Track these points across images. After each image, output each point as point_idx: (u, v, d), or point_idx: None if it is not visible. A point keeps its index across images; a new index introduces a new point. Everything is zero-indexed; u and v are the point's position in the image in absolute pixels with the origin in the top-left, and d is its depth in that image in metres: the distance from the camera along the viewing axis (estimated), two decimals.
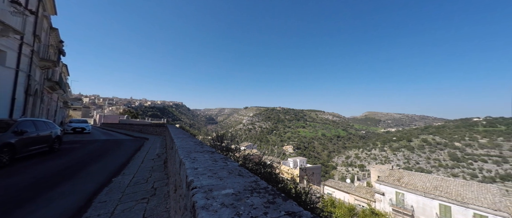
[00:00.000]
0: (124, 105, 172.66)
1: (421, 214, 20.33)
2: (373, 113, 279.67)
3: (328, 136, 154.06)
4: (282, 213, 1.01)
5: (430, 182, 22.08)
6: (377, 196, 24.52)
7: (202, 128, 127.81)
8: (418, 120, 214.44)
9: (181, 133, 7.20)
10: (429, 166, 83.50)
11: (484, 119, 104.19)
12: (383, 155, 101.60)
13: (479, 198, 17.74)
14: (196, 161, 2.18)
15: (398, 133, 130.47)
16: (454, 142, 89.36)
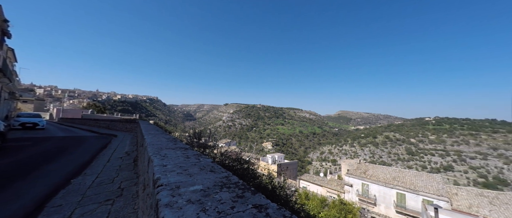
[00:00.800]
0: (88, 98, 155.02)
1: (382, 202, 22.81)
2: (345, 112, 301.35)
3: (305, 133, 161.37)
4: (249, 206, 1.03)
5: (390, 173, 24.83)
6: (346, 187, 26.69)
7: (179, 125, 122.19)
8: (383, 119, 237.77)
9: (154, 130, 6.79)
10: (390, 159, 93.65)
11: (434, 119, 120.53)
12: (353, 150, 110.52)
13: (427, 186, 20.59)
14: (167, 158, 2.08)
15: (365, 130, 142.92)
16: (410, 139, 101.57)
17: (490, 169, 72.59)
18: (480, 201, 18.13)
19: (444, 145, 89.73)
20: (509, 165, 71.42)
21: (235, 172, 4.14)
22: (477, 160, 77.66)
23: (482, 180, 67.71)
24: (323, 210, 8.69)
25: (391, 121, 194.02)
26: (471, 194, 19.21)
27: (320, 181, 31.11)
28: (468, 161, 78.44)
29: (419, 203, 19.90)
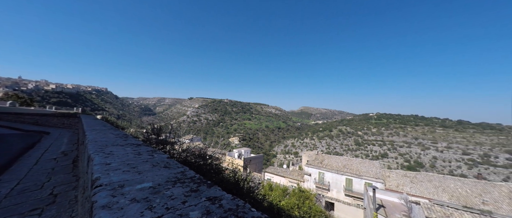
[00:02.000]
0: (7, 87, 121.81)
1: (334, 187, 26.01)
2: (307, 108, 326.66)
3: (271, 128, 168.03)
4: (202, 199, 1.01)
5: (341, 162, 28.43)
6: (306, 177, 29.30)
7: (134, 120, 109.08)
8: (337, 114, 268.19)
9: (101, 125, 5.89)
10: (342, 150, 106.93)
11: (375, 115, 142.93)
12: (312, 143, 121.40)
13: (368, 171, 24.49)
14: (112, 155, 1.83)
15: (323, 125, 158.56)
16: (358, 131, 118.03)
17: (412, 154, 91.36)
18: (404, 180, 22.73)
19: (382, 137, 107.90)
20: (424, 151, 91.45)
21: (197, 168, 3.99)
22: (404, 148, 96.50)
23: (406, 163, 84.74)
24: (284, 199, 9.31)
25: (344, 117, 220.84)
26: (398, 175, 23.83)
27: (283, 172, 33.15)
28: (398, 149, 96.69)
29: (362, 186, 23.55)
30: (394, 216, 14.45)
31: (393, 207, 16.40)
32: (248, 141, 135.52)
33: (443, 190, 19.68)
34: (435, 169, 78.24)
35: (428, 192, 19.76)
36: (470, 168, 75.24)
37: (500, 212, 15.16)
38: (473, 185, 19.67)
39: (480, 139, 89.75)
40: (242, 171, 33.85)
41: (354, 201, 23.60)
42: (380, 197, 18.14)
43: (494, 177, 67.47)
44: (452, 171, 75.55)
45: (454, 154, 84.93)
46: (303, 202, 8.95)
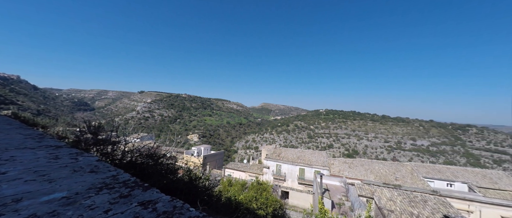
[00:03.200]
0: None
1: (290, 177, 28.37)
2: (267, 104, 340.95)
3: (232, 124, 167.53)
4: (133, 204, 0.90)
5: (296, 154, 31.18)
6: (264, 169, 30.77)
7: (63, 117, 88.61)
8: (294, 110, 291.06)
9: (4, 124, 4.52)
10: (297, 143, 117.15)
11: (324, 111, 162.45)
12: (271, 137, 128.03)
13: (317, 161, 27.79)
14: (12, 161, 1.42)
15: (281, 120, 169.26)
16: (310, 126, 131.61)
17: (350, 144, 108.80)
18: (344, 166, 26.96)
19: (329, 130, 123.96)
20: (359, 141, 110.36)
21: (143, 169, 3.59)
22: (345, 139, 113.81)
23: (346, 152, 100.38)
24: (243, 193, 9.52)
25: (299, 112, 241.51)
26: (340, 162, 28.04)
27: (243, 167, 33.78)
28: (341, 140, 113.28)
29: (312, 174, 26.56)
30: (335, 197, 16.97)
31: (335, 190, 19.22)
32: (209, 138, 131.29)
33: (371, 172, 24.34)
34: (366, 155, 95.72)
35: (361, 174, 24.05)
36: (389, 153, 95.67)
37: (406, 185, 19.97)
38: (390, 166, 25.12)
39: (395, 130, 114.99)
40: (201, 169, 32.61)
41: (306, 188, 26.41)
42: (326, 182, 20.93)
43: (403, 159, 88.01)
44: (377, 156, 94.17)
45: (379, 142, 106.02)
46: (260, 194, 9.39)
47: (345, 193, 17.87)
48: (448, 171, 23.73)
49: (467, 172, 23.37)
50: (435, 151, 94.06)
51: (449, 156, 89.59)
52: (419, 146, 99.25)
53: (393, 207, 12.92)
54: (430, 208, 12.39)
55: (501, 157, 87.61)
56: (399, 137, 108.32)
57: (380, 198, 13.69)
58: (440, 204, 12.96)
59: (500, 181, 21.02)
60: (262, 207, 8.96)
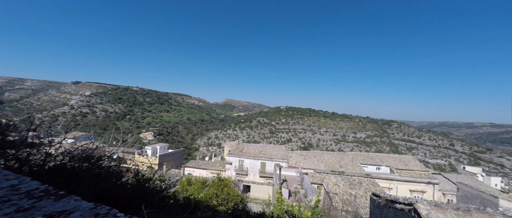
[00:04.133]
0: None
1: (251, 172, 29.25)
2: (231, 100, 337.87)
3: (193, 120, 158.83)
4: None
5: (258, 149, 32.30)
6: (227, 166, 30.70)
7: None
8: (257, 107, 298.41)
9: None
10: (259, 138, 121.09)
11: (285, 107, 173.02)
12: (235, 133, 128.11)
13: (277, 154, 29.60)
14: None
15: (245, 116, 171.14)
16: (272, 122, 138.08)
17: (306, 138, 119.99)
18: (300, 158, 29.68)
19: (288, 125, 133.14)
20: (313, 135, 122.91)
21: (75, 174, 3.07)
22: (302, 133, 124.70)
23: (303, 145, 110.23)
24: (203, 191, 9.30)
25: (262, 109, 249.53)
26: (297, 155, 30.69)
27: (205, 165, 32.76)
28: (298, 134, 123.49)
29: (273, 167, 28.15)
30: (292, 186, 18.56)
31: (292, 180, 20.99)
32: (166, 136, 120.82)
33: (322, 162, 27.59)
34: (319, 147, 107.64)
35: (314, 164, 26.97)
36: (336, 144, 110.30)
37: (347, 171, 23.57)
38: (336, 155, 29.09)
39: (342, 125, 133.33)
40: (157, 169, 29.83)
41: (267, 180, 27.80)
42: (284, 173, 22.57)
43: (347, 149, 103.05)
44: (327, 147, 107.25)
45: (328, 136, 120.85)
46: (221, 190, 9.37)
47: (301, 182, 19.74)
48: (377, 158, 29.28)
49: (389, 158, 29.40)
50: (369, 142, 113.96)
51: (379, 145, 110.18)
52: (358, 138, 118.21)
53: (337, 190, 15.10)
54: (364, 188, 15.07)
55: (411, 145, 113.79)
56: (344, 131, 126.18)
57: (328, 184, 15.73)
58: (371, 184, 15.91)
59: (410, 163, 27.35)
60: (223, 203, 8.99)
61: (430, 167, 60.89)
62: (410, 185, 21.11)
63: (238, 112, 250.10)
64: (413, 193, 20.65)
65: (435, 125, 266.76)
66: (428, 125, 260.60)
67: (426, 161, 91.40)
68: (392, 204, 4.30)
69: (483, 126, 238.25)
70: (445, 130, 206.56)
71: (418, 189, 20.95)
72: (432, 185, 21.07)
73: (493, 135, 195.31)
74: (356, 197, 13.77)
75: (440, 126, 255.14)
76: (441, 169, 73.63)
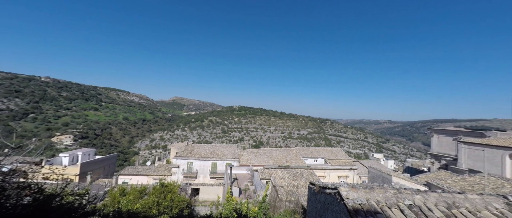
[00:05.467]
0: None
1: (202, 173, 27.91)
2: (180, 98, 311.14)
3: (132, 120, 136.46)
4: None
5: (209, 149, 31.16)
6: (174, 169, 28.05)
7: None
8: (209, 106, 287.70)
9: None
10: (211, 138, 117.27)
11: (238, 107, 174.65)
12: (184, 134, 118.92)
13: (229, 154, 29.49)
14: None
15: (196, 115, 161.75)
16: (224, 121, 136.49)
17: (258, 136, 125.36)
18: (251, 156, 30.70)
19: (241, 125, 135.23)
20: (264, 133, 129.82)
21: None
22: (254, 132, 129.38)
23: (254, 143, 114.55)
24: (141, 200, 8.13)
25: (214, 108, 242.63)
26: (248, 153, 31.57)
27: (146, 170, 28.79)
28: (250, 133, 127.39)
29: (224, 167, 27.81)
30: (243, 184, 18.92)
31: (243, 178, 21.40)
32: (93, 139, 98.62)
33: (270, 158, 29.46)
34: (269, 144, 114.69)
35: (263, 161, 28.45)
36: (284, 141, 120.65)
37: (292, 165, 26.17)
38: (283, 151, 31.78)
39: (288, 123, 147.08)
40: (78, 181, 23.80)
41: (218, 181, 27.20)
42: (235, 172, 22.71)
43: (292, 145, 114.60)
44: (276, 144, 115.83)
45: (277, 134, 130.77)
46: (164, 197, 8.44)
47: (251, 179, 20.40)
48: (315, 151, 33.97)
49: (324, 150, 34.67)
50: (310, 138, 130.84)
51: (317, 140, 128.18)
52: (302, 135, 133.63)
53: (283, 183, 16.51)
54: (304, 179, 17.12)
55: (340, 138, 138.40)
56: (290, 129, 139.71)
57: (275, 178, 16.93)
58: (310, 175, 18.26)
59: (338, 154, 33.15)
60: (166, 211, 8.13)
61: (352, 156, 75.87)
62: (338, 172, 25.61)
63: (188, 111, 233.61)
64: (340, 179, 25.15)
65: (356, 122, 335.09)
66: (352, 122, 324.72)
67: (349, 151, 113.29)
68: (323, 190, 5.03)
69: (385, 123, 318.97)
70: (362, 126, 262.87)
71: (344, 175, 25.70)
72: (352, 171, 26.29)
73: (390, 129, 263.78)
74: (298, 188, 15.45)
75: (359, 123, 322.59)
76: (359, 157, 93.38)
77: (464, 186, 13.71)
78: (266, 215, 5.85)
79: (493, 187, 13.49)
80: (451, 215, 3.16)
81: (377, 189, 4.02)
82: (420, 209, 3.27)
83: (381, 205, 3.42)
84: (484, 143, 20.80)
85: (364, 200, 3.52)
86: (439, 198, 3.52)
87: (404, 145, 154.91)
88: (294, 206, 9.70)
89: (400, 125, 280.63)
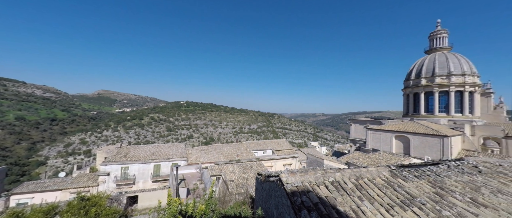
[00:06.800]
0: None
1: (141, 178, 24.40)
2: (109, 92, 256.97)
3: (33, 120, 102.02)
4: None
5: (150, 150, 27.53)
6: (102, 178, 23.17)
7: None
8: (150, 101, 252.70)
9: None
10: (153, 137, 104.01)
11: (185, 102, 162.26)
12: (116, 135, 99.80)
13: (175, 153, 27.09)
14: None
15: (132, 112, 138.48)
16: (170, 118, 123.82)
17: (208, 133, 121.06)
18: (201, 154, 29.35)
19: (190, 121, 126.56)
20: (215, 129, 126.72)
21: None
22: (204, 128, 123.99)
23: (205, 140, 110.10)
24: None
25: (156, 104, 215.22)
26: (197, 150, 29.99)
27: (59, 184, 22.42)
28: (200, 130, 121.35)
29: (169, 168, 25.33)
30: (191, 184, 17.90)
31: (192, 177, 20.22)
32: None
33: (221, 154, 29.16)
34: (220, 140, 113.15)
35: (214, 158, 27.82)
36: (235, 136, 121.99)
37: (243, 158, 26.89)
38: (234, 146, 32.13)
39: (240, 119, 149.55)
40: None
41: (162, 184, 24.54)
42: (183, 172, 21.16)
43: (243, 139, 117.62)
44: (228, 140, 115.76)
45: (229, 129, 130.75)
46: (85, 213, 6.83)
47: (200, 177, 19.56)
48: (264, 144, 36.22)
49: (271, 142, 37.49)
50: (260, 132, 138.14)
51: (266, 134, 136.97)
52: (252, 129, 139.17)
53: (234, 177, 16.75)
54: (254, 170, 17.98)
55: (285, 131, 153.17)
56: (241, 123, 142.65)
57: (225, 173, 16.93)
58: (259, 166, 19.34)
59: (283, 144, 36.65)
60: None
61: (295, 146, 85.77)
62: (283, 161, 28.36)
63: (122, 108, 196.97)
64: (285, 167, 27.99)
65: (298, 115, 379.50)
66: (295, 116, 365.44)
67: (293, 142, 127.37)
68: (268, 178, 5.42)
69: (320, 115, 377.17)
70: (303, 119, 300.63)
71: (288, 163, 28.72)
72: (295, 158, 29.77)
73: (323, 121, 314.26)
74: (248, 180, 16.08)
75: (301, 116, 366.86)
76: (300, 146, 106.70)
77: (369, 162, 18.07)
78: (214, 211, 5.77)
79: (386, 161, 18.54)
80: (358, 184, 4.10)
81: (310, 171, 4.69)
82: (339, 184, 4.06)
83: (312, 184, 4.02)
84: (380, 128, 28.00)
85: (300, 182, 4.03)
86: (351, 173, 4.49)
87: (333, 133, 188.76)
88: (244, 197, 10.05)
89: (330, 117, 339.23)
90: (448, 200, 3.66)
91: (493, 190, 4.18)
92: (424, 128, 24.27)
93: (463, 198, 3.76)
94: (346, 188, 3.90)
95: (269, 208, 5.40)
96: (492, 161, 5.86)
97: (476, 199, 3.74)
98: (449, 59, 30.38)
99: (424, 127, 24.57)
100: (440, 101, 30.35)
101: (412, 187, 4.12)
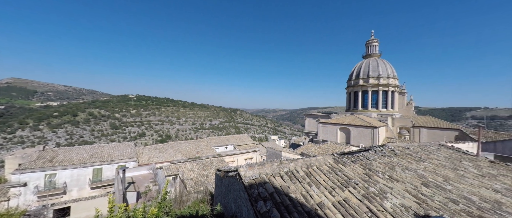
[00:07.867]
0: None
1: (75, 186, 20.30)
2: (24, 81, 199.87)
3: None
4: None
5: (87, 152, 23.13)
6: (15, 190, 18.09)
7: None
8: (87, 94, 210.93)
9: None
10: (93, 137, 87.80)
11: (135, 96, 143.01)
12: (37, 135, 79.41)
13: (122, 154, 23.67)
14: None
15: (61, 107, 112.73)
16: (115, 114, 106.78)
17: (164, 130, 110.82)
18: (155, 153, 26.61)
19: (141, 117, 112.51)
20: (172, 126, 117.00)
21: None
22: (159, 125, 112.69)
23: (160, 138, 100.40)
24: None
25: (96, 97, 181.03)
26: (150, 149, 27.05)
27: None
28: (154, 127, 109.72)
29: (115, 171, 21.95)
30: (143, 187, 16.10)
31: (143, 179, 18.17)
32: None
33: (179, 152, 27.25)
34: (178, 138, 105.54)
35: (170, 156, 25.76)
36: (195, 132, 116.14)
37: (203, 155, 25.91)
38: (194, 143, 30.56)
39: (200, 114, 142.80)
40: None
41: (104, 190, 21.13)
42: (132, 174, 18.75)
43: (204, 135, 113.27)
44: (187, 136, 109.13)
45: (188, 125, 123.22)
46: None
47: (154, 179, 17.80)
48: (226, 139, 35.84)
49: (233, 138, 37.51)
50: (221, 127, 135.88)
51: (228, 129, 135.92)
52: (214, 125, 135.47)
53: (193, 175, 15.97)
54: (214, 167, 17.60)
55: (247, 126, 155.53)
56: (202, 119, 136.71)
57: (183, 172, 15.96)
58: (220, 163, 19.05)
59: (245, 139, 37.25)
60: None
61: (256, 140, 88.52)
62: (245, 155, 28.87)
63: (45, 101, 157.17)
64: (246, 161, 28.58)
65: (259, 111, 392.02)
66: (256, 111, 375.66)
67: (254, 136, 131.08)
68: (227, 174, 5.39)
69: (279, 111, 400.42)
70: (264, 114, 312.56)
71: (249, 157, 29.42)
72: (256, 152, 30.76)
73: (282, 116, 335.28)
74: (208, 177, 15.65)
75: (262, 111, 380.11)
76: (261, 140, 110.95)
77: (319, 151, 20.41)
78: (169, 213, 5.36)
79: (332, 150, 21.39)
80: (308, 172, 4.57)
81: (267, 164, 4.92)
82: (292, 173, 4.42)
83: (269, 176, 4.23)
84: (328, 122, 31.94)
85: (257, 175, 4.18)
86: (303, 162, 4.95)
87: (291, 127, 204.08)
88: (203, 195, 9.74)
89: (289, 112, 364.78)
90: (373, 178, 4.51)
91: (402, 167, 5.40)
92: (361, 121, 29.16)
93: (383, 176, 4.71)
94: (298, 177, 4.28)
95: (228, 203, 5.41)
96: (403, 146, 7.56)
97: (392, 175, 4.75)
98: (379, 64, 37.14)
99: (360, 120, 29.50)
100: (372, 98, 36.95)
101: (349, 170, 4.88)
